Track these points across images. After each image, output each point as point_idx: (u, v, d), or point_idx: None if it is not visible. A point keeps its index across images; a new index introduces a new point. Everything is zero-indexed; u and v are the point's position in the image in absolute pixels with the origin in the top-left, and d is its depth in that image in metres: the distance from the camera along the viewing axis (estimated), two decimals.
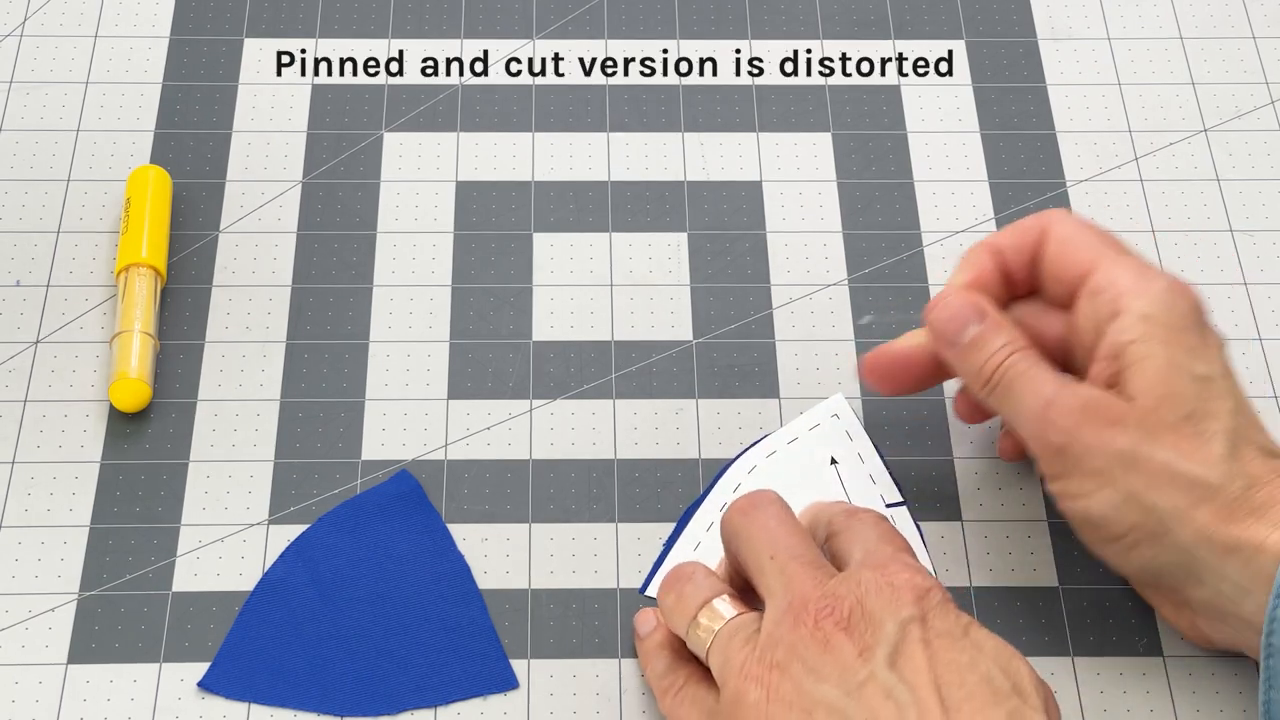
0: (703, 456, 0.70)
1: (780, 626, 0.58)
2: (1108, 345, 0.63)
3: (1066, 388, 0.62)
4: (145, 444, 0.70)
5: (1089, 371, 0.63)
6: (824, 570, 0.60)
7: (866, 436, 0.70)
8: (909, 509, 0.69)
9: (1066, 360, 0.65)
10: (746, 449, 0.70)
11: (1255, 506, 0.60)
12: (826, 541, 0.63)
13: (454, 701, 0.65)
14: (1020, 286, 0.67)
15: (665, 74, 0.82)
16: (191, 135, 0.79)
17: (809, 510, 0.65)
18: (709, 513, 0.68)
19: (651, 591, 0.67)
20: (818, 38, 0.83)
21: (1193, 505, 0.60)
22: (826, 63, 0.83)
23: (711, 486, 0.69)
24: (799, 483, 0.69)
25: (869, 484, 0.69)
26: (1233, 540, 0.59)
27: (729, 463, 0.70)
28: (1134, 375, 0.62)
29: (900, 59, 0.83)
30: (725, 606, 0.61)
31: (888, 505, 0.69)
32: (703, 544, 0.68)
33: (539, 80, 0.82)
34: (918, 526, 0.69)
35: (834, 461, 0.70)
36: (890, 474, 0.70)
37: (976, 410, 0.69)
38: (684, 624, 0.61)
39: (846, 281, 0.76)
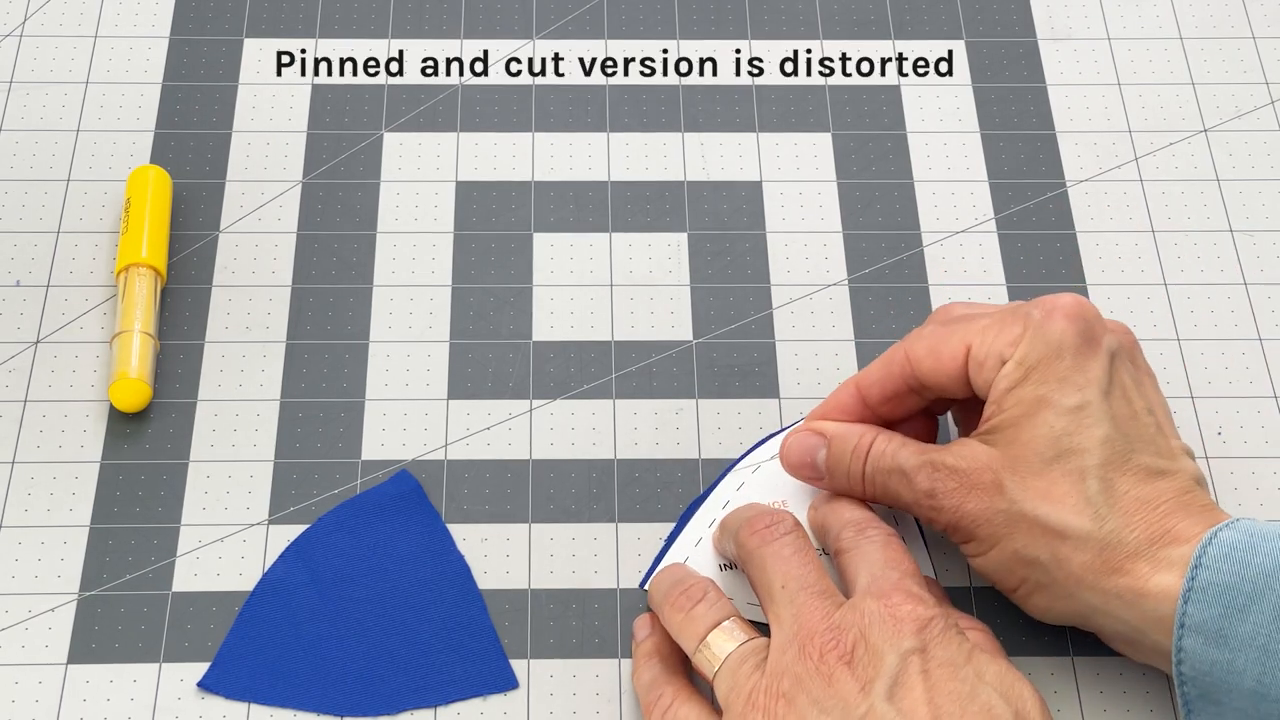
0: (703, 456, 0.70)
1: (786, 656, 0.59)
2: (993, 394, 0.63)
3: (935, 463, 0.63)
4: (145, 444, 0.70)
5: (979, 424, 0.64)
6: (832, 600, 0.60)
7: None
8: None
9: None
10: (751, 448, 0.70)
11: (1132, 550, 0.60)
12: (835, 556, 0.63)
13: (454, 701, 0.65)
14: (892, 415, 0.67)
15: (665, 74, 0.82)
16: (191, 135, 0.79)
17: (822, 510, 0.66)
18: (712, 510, 0.68)
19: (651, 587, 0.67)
20: (818, 38, 0.83)
21: (1069, 555, 0.61)
22: (826, 63, 0.83)
23: (716, 484, 0.69)
24: (791, 494, 0.69)
25: None
26: (1113, 587, 0.60)
27: (734, 461, 0.70)
28: (1005, 423, 0.62)
29: (900, 59, 0.83)
30: (736, 631, 0.61)
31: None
32: (704, 540, 0.68)
33: (539, 80, 0.82)
34: (920, 528, 0.69)
35: None
36: None
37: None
38: (693, 644, 0.62)
39: (846, 281, 0.76)
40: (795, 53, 0.83)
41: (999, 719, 0.57)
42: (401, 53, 0.82)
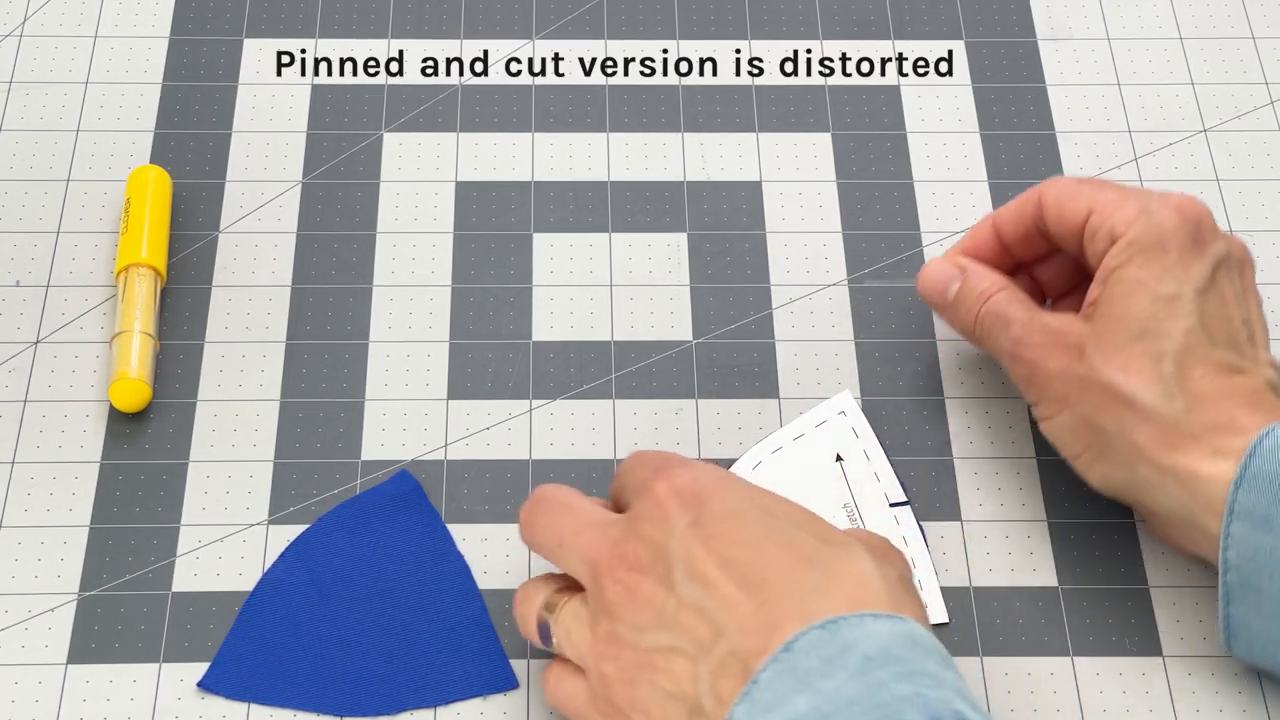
0: (702, 457, 0.70)
1: (595, 598, 0.59)
2: (1100, 272, 0.65)
3: (1034, 319, 0.66)
4: (145, 444, 0.70)
5: (1085, 300, 0.66)
6: (606, 525, 0.60)
7: (873, 434, 0.70)
8: (912, 508, 0.69)
9: None
10: (753, 445, 0.70)
11: (1193, 432, 0.62)
12: (619, 498, 0.64)
13: (454, 701, 0.65)
14: (1025, 255, 0.70)
15: (665, 74, 0.82)
16: (191, 135, 0.79)
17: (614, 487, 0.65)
18: None
19: None
20: (818, 38, 0.83)
21: (1134, 426, 0.63)
22: (826, 63, 0.83)
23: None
24: (804, 479, 0.69)
25: (874, 482, 0.69)
26: (1169, 465, 0.62)
27: (737, 460, 0.70)
28: (1104, 299, 0.65)
29: (900, 59, 0.83)
30: (555, 599, 0.62)
31: (891, 504, 0.69)
32: None
33: (539, 80, 0.82)
34: (920, 527, 0.69)
35: (839, 459, 0.70)
36: (895, 473, 0.70)
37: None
38: (535, 635, 0.62)
39: (846, 282, 0.76)
40: (795, 53, 0.83)
41: (803, 550, 0.57)
42: (401, 53, 0.82)
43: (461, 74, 0.82)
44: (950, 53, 0.83)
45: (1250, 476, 0.60)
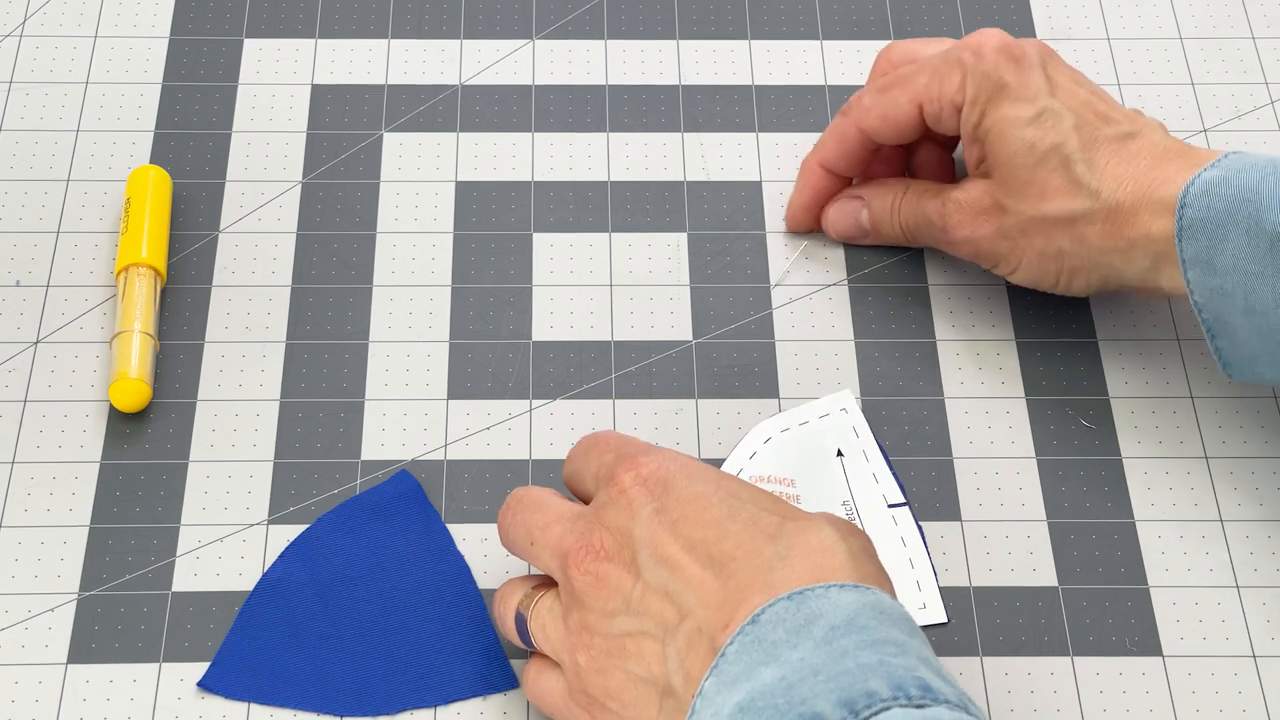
0: (702, 457, 0.70)
1: (566, 590, 0.60)
2: (965, 134, 0.71)
3: (947, 203, 0.72)
4: (145, 444, 0.70)
5: (968, 166, 0.72)
6: (572, 518, 0.61)
7: (871, 435, 0.70)
8: (910, 510, 0.69)
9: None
10: (763, 420, 0.70)
11: (1131, 205, 0.67)
12: (574, 484, 0.64)
13: (454, 701, 0.65)
14: (857, 173, 0.76)
15: (665, 74, 0.82)
16: (191, 135, 0.79)
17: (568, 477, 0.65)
18: (732, 468, 0.69)
19: None
20: (818, 38, 0.83)
21: (1084, 233, 0.68)
22: (826, 63, 0.83)
23: (729, 456, 0.69)
24: (804, 466, 0.69)
25: (872, 482, 0.69)
26: (1126, 242, 0.67)
27: (744, 436, 0.70)
28: (988, 152, 0.70)
29: None
30: (531, 596, 0.62)
31: (890, 505, 0.69)
32: None
33: (539, 80, 0.82)
34: (919, 527, 0.69)
35: (840, 454, 0.70)
36: (894, 474, 0.70)
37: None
38: (514, 634, 0.63)
39: (846, 282, 0.76)
40: (795, 53, 0.83)
41: (766, 528, 0.57)
42: (402, 53, 0.82)
43: (461, 74, 0.82)
44: None
45: (1186, 226, 0.65)
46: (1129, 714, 0.65)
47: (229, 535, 0.68)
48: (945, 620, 0.66)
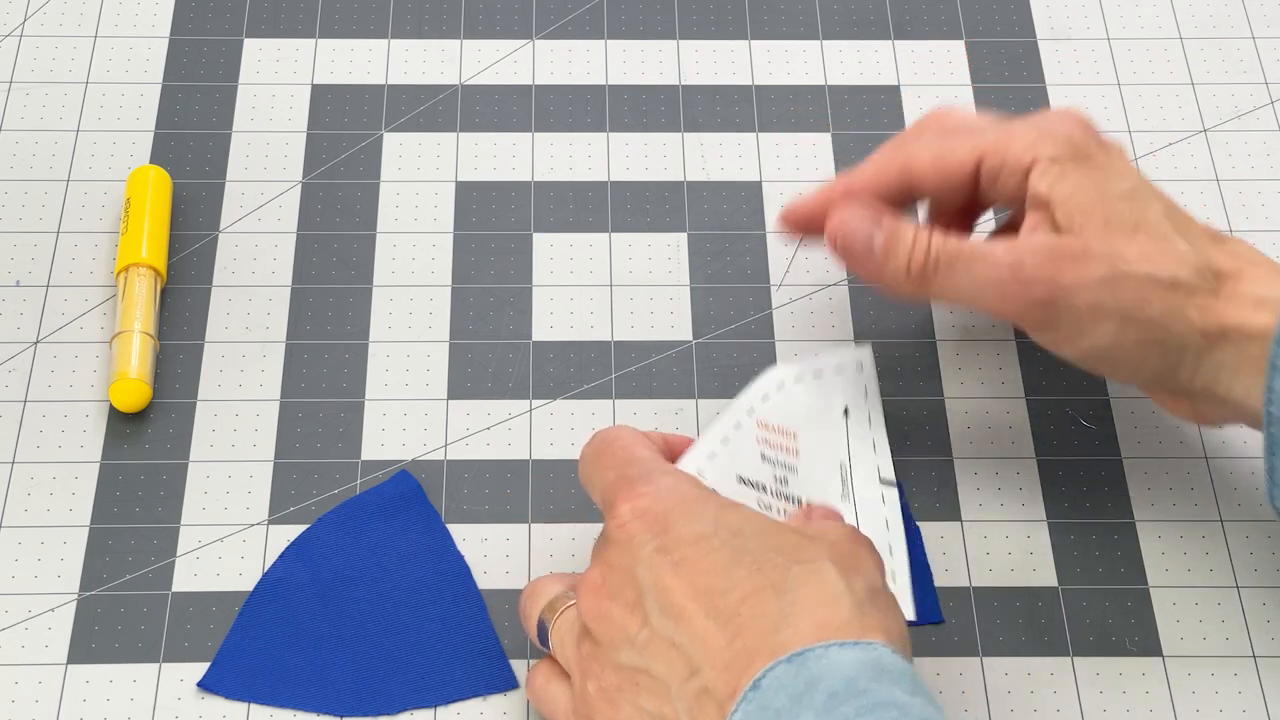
0: None
1: (580, 619, 0.59)
2: (1031, 199, 0.64)
3: (1023, 243, 0.63)
4: (145, 444, 0.70)
5: (1021, 231, 0.64)
6: (595, 546, 0.60)
7: (880, 401, 0.69)
8: (901, 492, 0.69)
9: None
10: (774, 368, 0.68)
11: (1230, 293, 0.62)
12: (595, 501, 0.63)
13: (454, 701, 0.65)
14: (892, 206, 0.67)
15: (665, 74, 0.82)
16: (191, 135, 0.79)
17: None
18: (725, 426, 0.66)
19: None
20: (818, 38, 0.83)
21: (1182, 304, 0.61)
22: (826, 63, 0.83)
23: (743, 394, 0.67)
24: (809, 420, 0.67)
25: (870, 450, 0.68)
26: (1220, 328, 0.61)
27: (760, 375, 0.68)
28: (1070, 212, 0.63)
29: (900, 59, 0.83)
30: (559, 603, 0.61)
31: (882, 480, 0.68)
32: (718, 455, 0.66)
33: (539, 80, 0.82)
34: (906, 512, 0.68)
35: (846, 413, 0.69)
36: (890, 451, 0.69)
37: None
38: (535, 637, 0.62)
39: (846, 282, 0.76)
40: (795, 53, 0.83)
41: (772, 574, 0.56)
42: (402, 53, 0.82)
43: (461, 74, 0.82)
44: (950, 52, 0.83)
45: None
46: (1129, 714, 0.65)
47: (229, 535, 0.68)
48: (914, 619, 0.64)
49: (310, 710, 0.64)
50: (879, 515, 0.67)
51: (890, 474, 0.68)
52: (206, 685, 0.64)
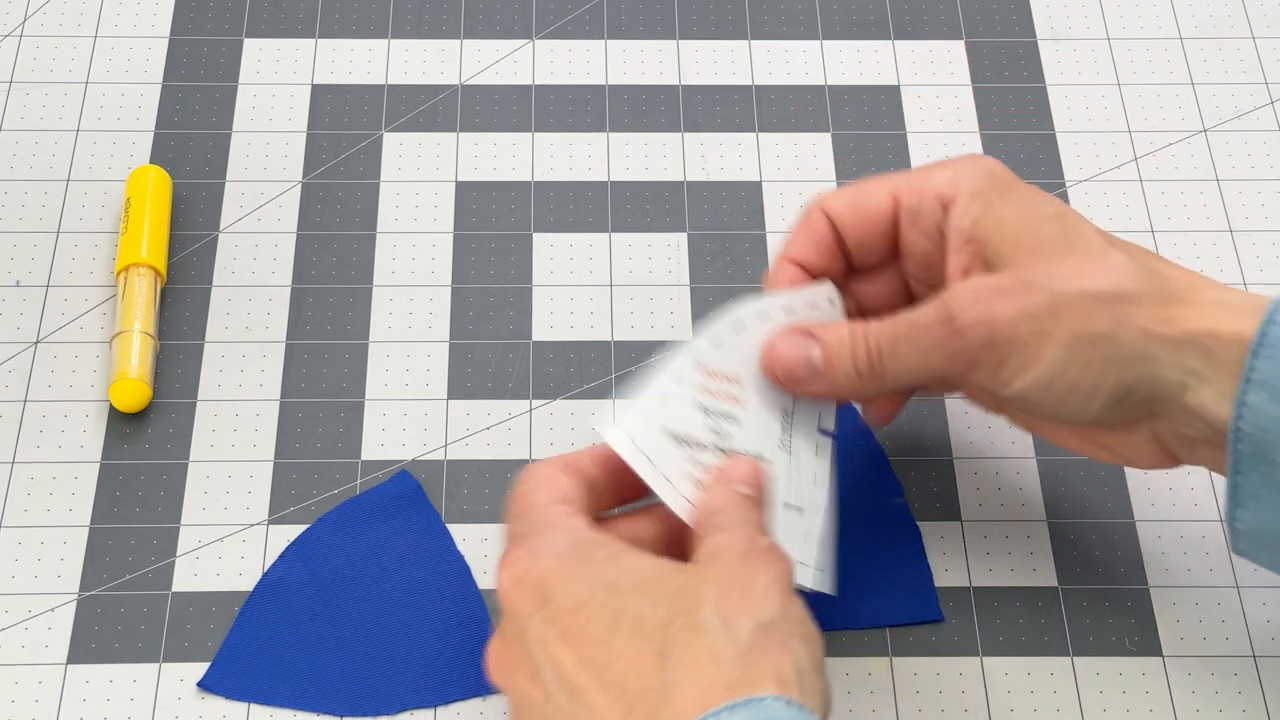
0: None
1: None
2: (955, 236, 0.61)
3: (948, 294, 0.60)
4: (145, 444, 0.70)
5: (948, 276, 0.61)
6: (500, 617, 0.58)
7: None
8: (834, 444, 0.66)
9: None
10: (741, 304, 0.64)
11: (1186, 298, 0.59)
12: None
13: (453, 701, 0.65)
14: (829, 274, 0.65)
15: (665, 74, 0.82)
16: (191, 135, 0.79)
17: None
18: (667, 382, 0.63)
19: None
20: (818, 38, 0.83)
21: (1129, 315, 0.58)
22: (826, 63, 0.83)
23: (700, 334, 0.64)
24: (758, 366, 0.64)
25: (812, 400, 0.65)
26: (1181, 332, 0.58)
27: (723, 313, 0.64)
28: (998, 245, 0.60)
29: (900, 59, 0.83)
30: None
31: (820, 430, 0.65)
32: (654, 415, 0.62)
33: (539, 80, 0.82)
34: (906, 510, 0.68)
35: None
36: (839, 412, 0.66)
37: (886, 407, 0.67)
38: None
39: None
40: (795, 53, 0.83)
41: (652, 631, 0.54)
42: (402, 53, 0.82)
43: (461, 74, 0.82)
44: (950, 52, 0.83)
45: (1271, 345, 0.56)
46: (1129, 714, 0.65)
47: (229, 535, 0.68)
48: (811, 587, 0.63)
49: (310, 710, 0.64)
50: (809, 467, 0.64)
51: (830, 424, 0.66)
52: (206, 685, 0.64)
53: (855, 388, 0.62)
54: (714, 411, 0.63)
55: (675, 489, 0.60)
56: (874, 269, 0.65)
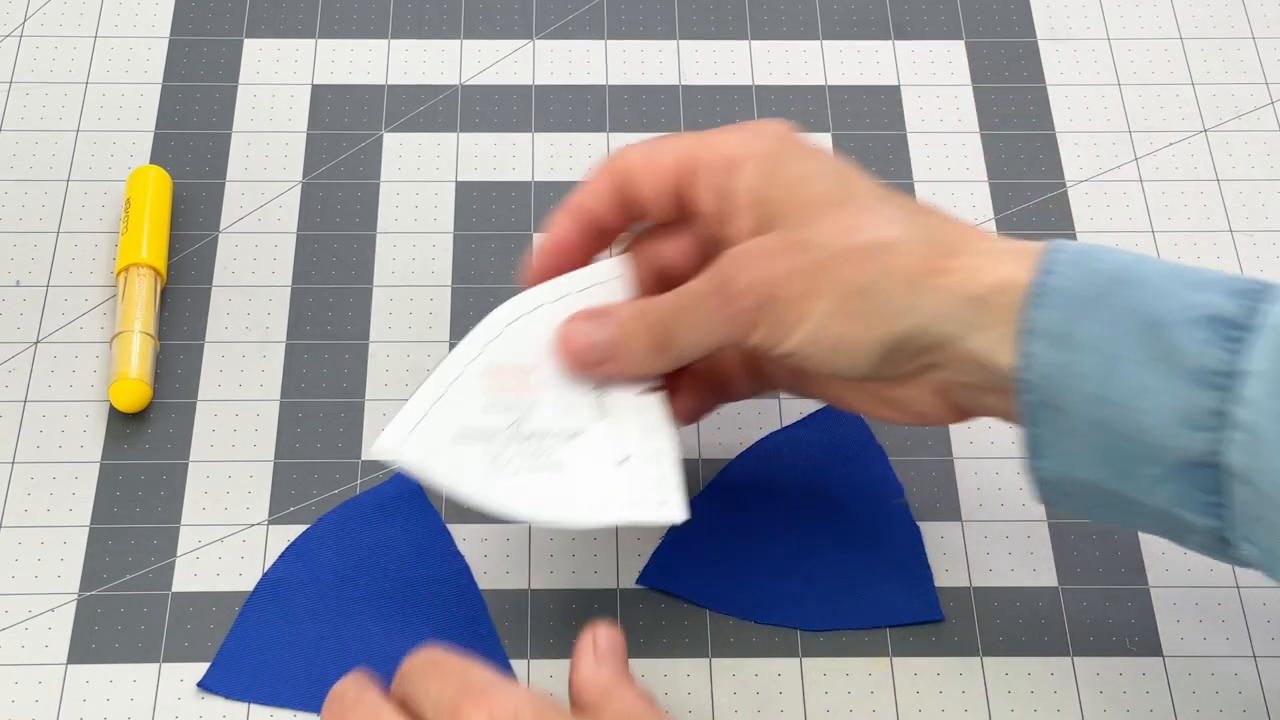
0: (703, 457, 0.70)
1: None
2: (741, 198, 0.61)
3: (720, 262, 0.60)
4: (145, 444, 0.70)
5: (734, 237, 0.61)
6: None
7: None
8: (663, 395, 0.65)
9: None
10: (513, 298, 0.64)
11: (955, 245, 0.59)
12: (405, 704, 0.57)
13: None
14: (618, 227, 0.65)
15: (665, 74, 0.82)
16: (191, 135, 0.79)
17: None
18: (434, 388, 0.63)
19: (647, 583, 0.67)
20: (818, 38, 0.83)
21: (896, 264, 0.58)
22: (826, 63, 0.83)
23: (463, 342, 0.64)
24: (551, 348, 0.64)
25: None
26: (951, 283, 0.58)
27: (489, 313, 0.64)
28: (779, 203, 0.60)
29: (900, 59, 0.83)
30: None
31: (640, 391, 0.64)
32: (446, 396, 0.63)
33: (539, 80, 0.82)
34: (906, 509, 0.67)
35: None
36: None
37: (695, 409, 0.66)
38: None
39: None
40: (795, 53, 0.83)
41: None
42: (402, 53, 0.82)
43: (461, 74, 0.82)
44: (950, 52, 0.83)
45: (1048, 291, 0.57)
46: (1129, 714, 0.65)
47: (229, 535, 0.68)
48: (684, 518, 0.62)
49: (310, 710, 0.64)
50: (634, 421, 0.64)
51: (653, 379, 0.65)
52: (206, 685, 0.64)
53: (651, 365, 0.62)
54: (504, 405, 0.63)
55: (471, 485, 0.61)
56: (675, 229, 0.65)
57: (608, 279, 0.65)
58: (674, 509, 0.62)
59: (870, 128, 0.80)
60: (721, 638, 0.66)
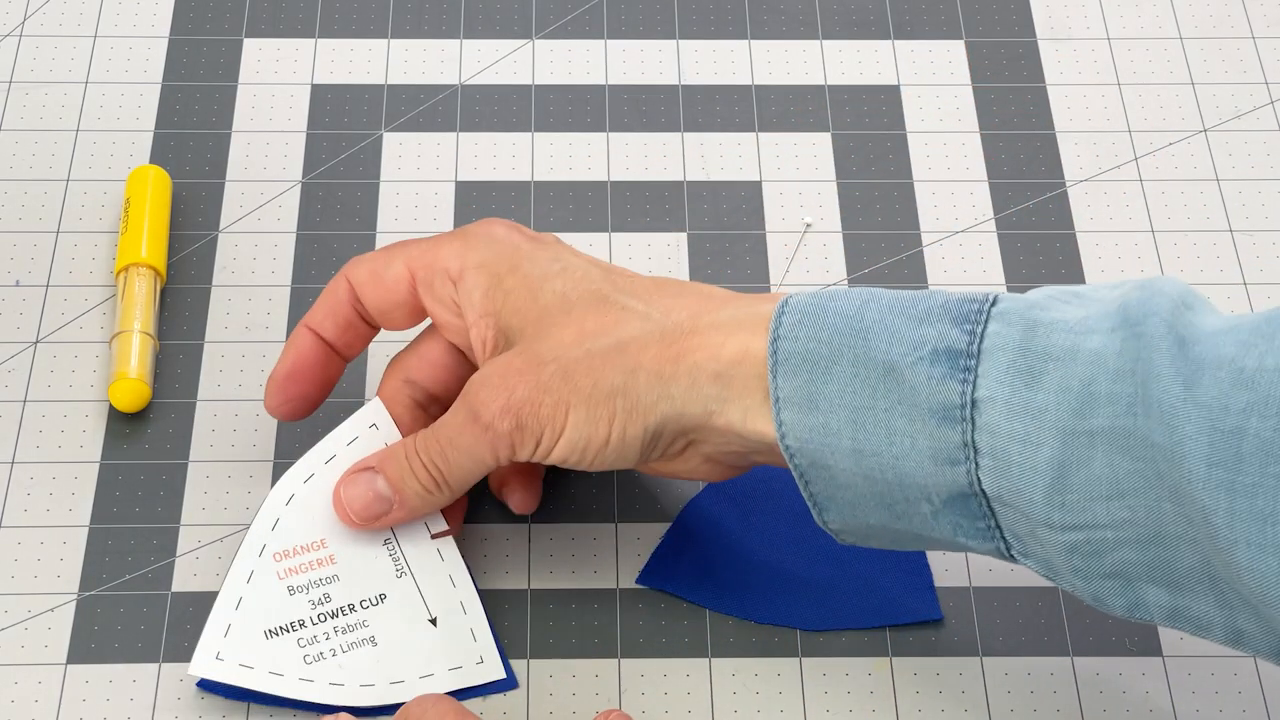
0: None
1: None
2: (469, 311, 0.63)
3: (470, 386, 0.61)
4: (145, 444, 0.70)
5: (474, 350, 0.63)
6: None
7: None
8: (455, 542, 0.66)
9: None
10: (285, 475, 0.65)
11: (689, 328, 0.60)
12: None
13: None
14: (352, 348, 0.67)
15: (665, 74, 0.82)
16: (191, 135, 0.79)
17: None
18: (248, 555, 0.64)
19: (647, 583, 0.67)
20: (818, 38, 0.83)
21: (638, 360, 0.60)
22: (826, 63, 0.83)
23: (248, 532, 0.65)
24: (334, 516, 0.65)
25: None
26: (689, 366, 0.59)
27: (264, 500, 0.65)
28: (509, 314, 0.62)
29: (900, 59, 0.83)
30: None
31: (433, 535, 0.65)
32: (246, 598, 0.64)
33: (539, 80, 0.82)
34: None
35: None
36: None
37: (527, 499, 0.67)
38: None
39: (846, 281, 0.76)
40: (795, 53, 0.83)
41: None
42: (402, 53, 0.82)
43: (461, 74, 0.82)
44: (950, 52, 0.83)
45: (782, 361, 0.58)
46: (1129, 714, 0.65)
47: (229, 535, 0.68)
48: (504, 675, 0.64)
49: (311, 710, 0.64)
50: (440, 574, 0.65)
51: (441, 524, 0.65)
52: (206, 685, 0.64)
53: (433, 503, 0.64)
54: (304, 586, 0.64)
55: (293, 682, 0.62)
56: (422, 343, 0.66)
57: (369, 424, 0.66)
58: (492, 667, 0.64)
59: (870, 127, 0.80)
60: (721, 638, 0.66)
